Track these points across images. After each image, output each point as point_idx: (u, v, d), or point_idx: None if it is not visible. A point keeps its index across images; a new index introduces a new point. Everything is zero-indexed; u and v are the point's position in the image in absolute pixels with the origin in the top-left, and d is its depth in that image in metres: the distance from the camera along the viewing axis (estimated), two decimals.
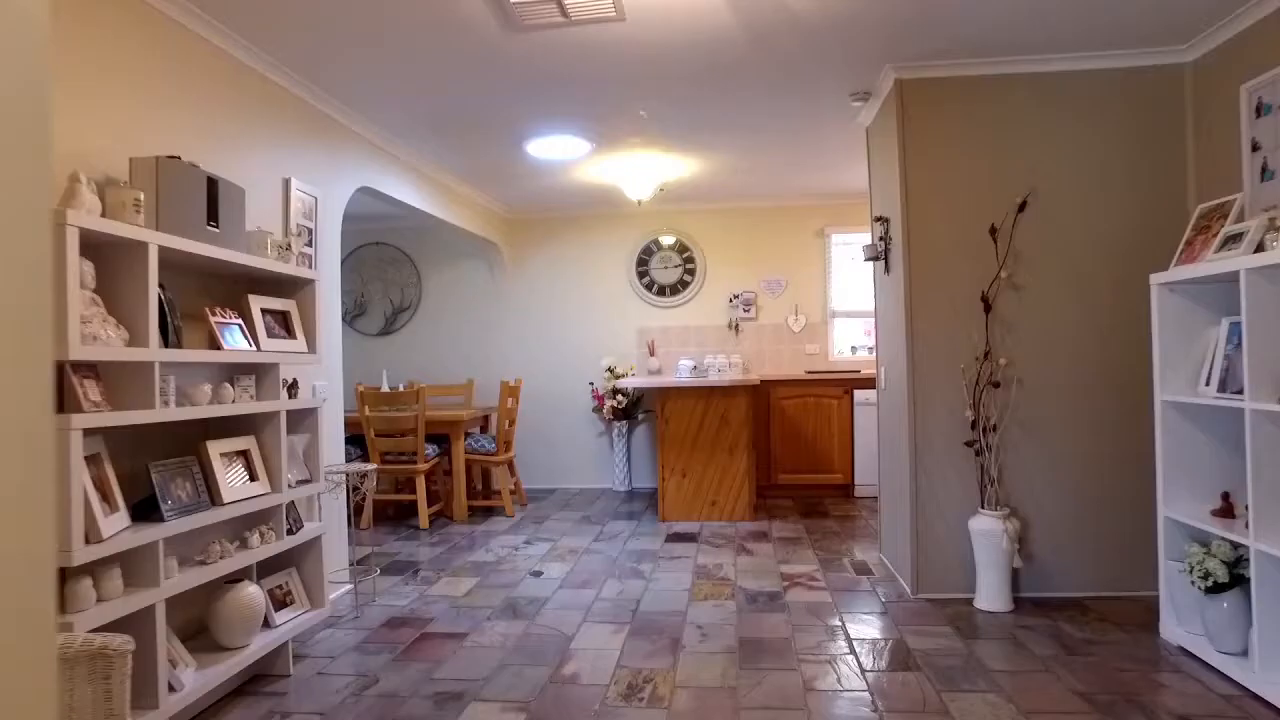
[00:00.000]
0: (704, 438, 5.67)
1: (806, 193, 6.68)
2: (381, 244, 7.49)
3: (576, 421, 7.38)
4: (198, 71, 3.02)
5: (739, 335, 7.17)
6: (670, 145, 5.10)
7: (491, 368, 7.40)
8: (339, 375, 4.07)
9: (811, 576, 4.11)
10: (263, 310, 3.00)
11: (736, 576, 4.15)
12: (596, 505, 6.39)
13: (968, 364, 3.61)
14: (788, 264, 7.11)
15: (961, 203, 3.65)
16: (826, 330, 7.09)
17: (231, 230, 2.76)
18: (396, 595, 3.97)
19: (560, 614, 3.61)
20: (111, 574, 2.19)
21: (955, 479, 3.63)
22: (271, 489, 2.93)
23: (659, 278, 7.27)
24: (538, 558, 4.67)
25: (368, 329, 7.51)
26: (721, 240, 7.19)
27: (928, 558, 3.66)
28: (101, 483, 2.25)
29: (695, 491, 5.67)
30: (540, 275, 7.41)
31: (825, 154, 5.36)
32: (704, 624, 3.41)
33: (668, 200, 6.88)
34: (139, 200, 2.32)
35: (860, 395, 6.37)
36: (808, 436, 6.47)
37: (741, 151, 5.29)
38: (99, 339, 2.15)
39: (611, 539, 5.13)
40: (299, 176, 3.68)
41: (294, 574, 3.19)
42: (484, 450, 6.07)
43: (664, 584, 4.05)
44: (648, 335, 7.29)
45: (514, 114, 4.35)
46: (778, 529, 5.31)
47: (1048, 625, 3.24)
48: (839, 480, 6.42)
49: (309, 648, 3.27)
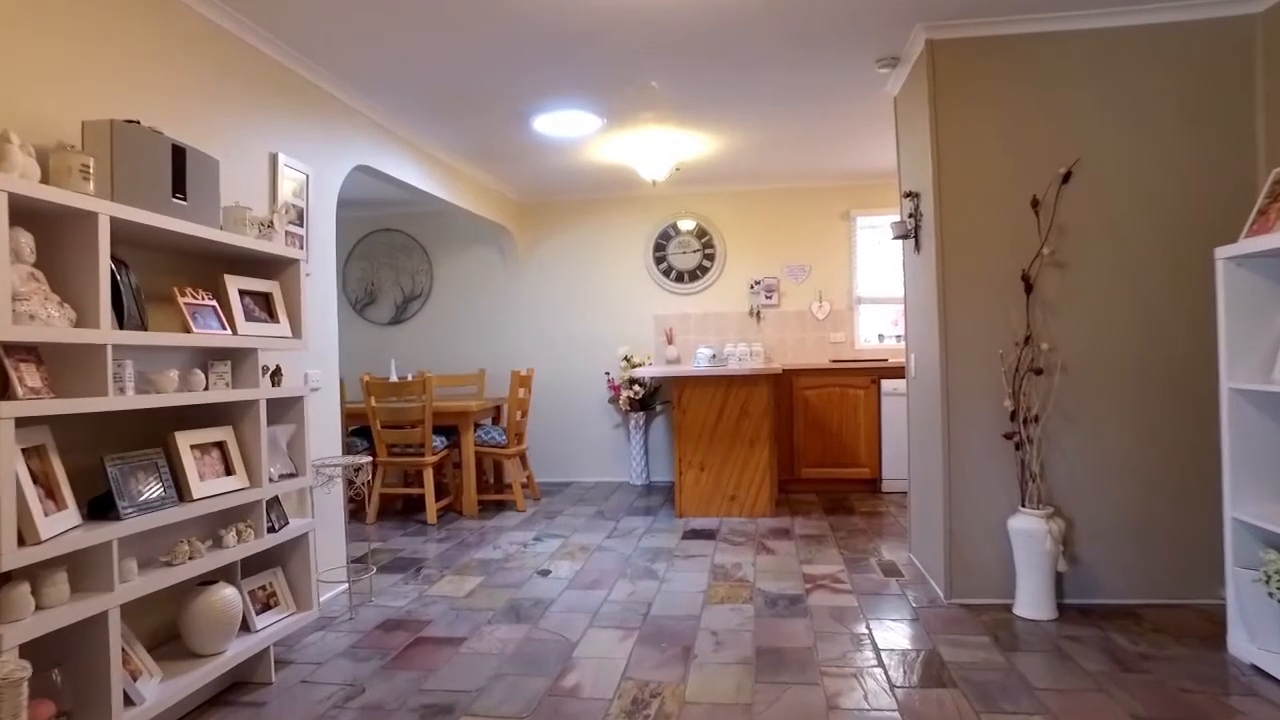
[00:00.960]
0: (723, 430, 5.40)
1: (831, 173, 6.37)
2: (391, 230, 7.29)
3: (592, 412, 7.15)
4: (168, 34, 2.80)
5: (760, 323, 6.88)
6: (685, 121, 4.82)
7: (505, 357, 7.18)
8: (334, 363, 3.86)
9: (836, 578, 3.84)
10: (241, 291, 2.79)
11: (756, 577, 3.89)
12: (612, 500, 6.15)
13: (1006, 349, 3.31)
14: (811, 248, 6.80)
15: (999, 174, 3.35)
16: (852, 317, 6.78)
17: (203, 204, 2.54)
18: (395, 595, 3.76)
19: (565, 617, 3.38)
20: (55, 579, 1.98)
21: (993, 474, 3.34)
22: (250, 484, 2.72)
23: (677, 263, 7.00)
24: (547, 555, 4.44)
25: (378, 318, 7.32)
26: (742, 224, 6.90)
27: (962, 559, 3.37)
28: (45, 478, 2.04)
29: (714, 486, 5.41)
30: (554, 261, 7.17)
31: (850, 129, 5.05)
32: (719, 630, 3.16)
33: (685, 183, 6.60)
34: (87, 166, 2.10)
35: (888, 385, 6.07)
36: (832, 428, 6.17)
37: (761, 127, 4.99)
38: (37, 318, 1.94)
39: (625, 536, 4.89)
40: (288, 152, 3.47)
41: (279, 574, 2.99)
42: (494, 442, 5.85)
43: (678, 585, 3.80)
44: (665, 323, 7.03)
45: (519, 85, 4.10)
46: (800, 526, 5.04)
47: (1097, 636, 2.94)
48: (865, 474, 6.12)
49: (296, 652, 3.06)
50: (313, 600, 3.02)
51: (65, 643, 2.07)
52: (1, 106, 2.14)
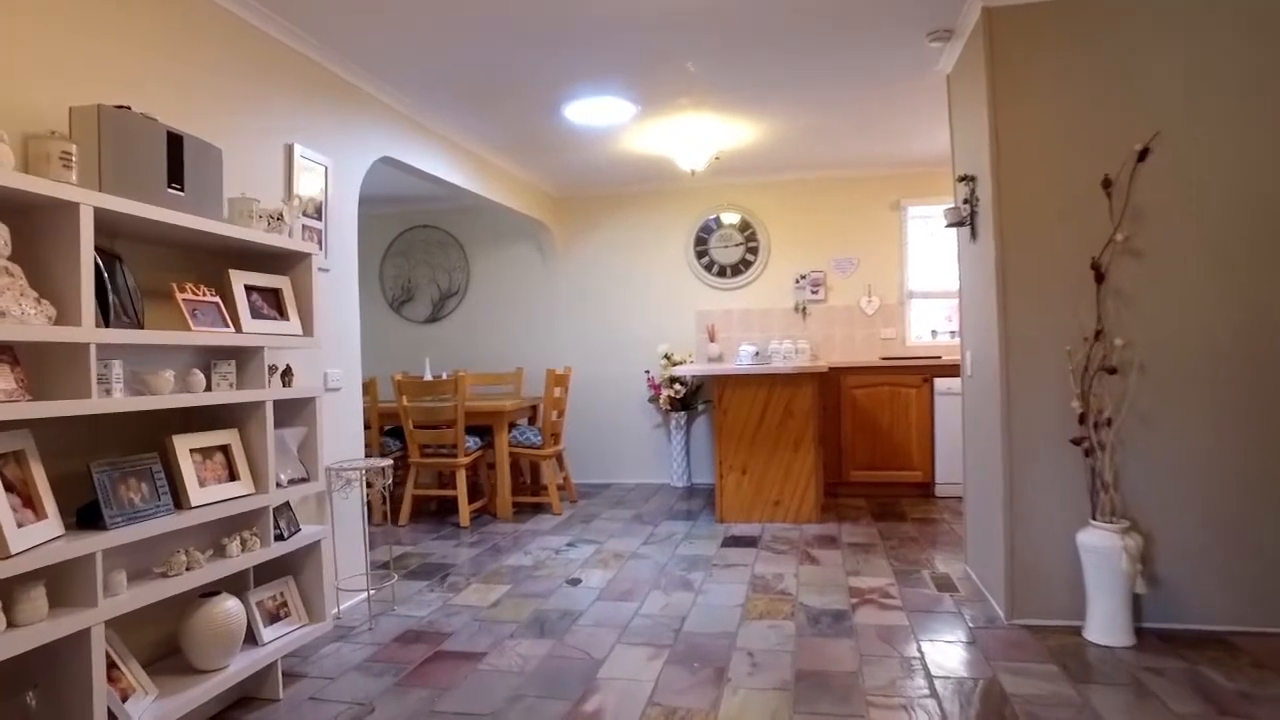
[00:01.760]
0: (766, 431, 5.15)
1: (879, 160, 6.05)
2: (428, 227, 7.20)
3: (632, 412, 6.95)
4: (173, 19, 2.67)
5: (806, 319, 6.59)
6: (723, 107, 4.58)
7: (542, 355, 7.03)
8: (356, 362, 3.73)
9: (885, 592, 3.56)
10: (248, 287, 2.65)
11: (798, 590, 3.64)
12: (651, 503, 5.94)
13: (1075, 346, 3.00)
14: (859, 241, 6.49)
15: (1064, 153, 3.04)
16: (903, 312, 6.44)
17: (203, 195, 2.41)
18: (417, 604, 3.61)
19: (592, 632, 3.18)
20: (31, 594, 1.85)
21: (1059, 483, 3.03)
22: (256, 490, 2.58)
23: (719, 257, 6.76)
24: (579, 563, 4.25)
25: (415, 316, 7.23)
26: (786, 216, 6.62)
27: (1025, 575, 3.07)
28: (24, 485, 1.91)
29: (756, 490, 5.16)
30: (592, 257, 6.99)
31: (899, 112, 4.74)
32: (756, 650, 2.92)
33: (726, 174, 6.35)
34: (68, 154, 1.97)
35: (941, 384, 5.73)
36: (883, 429, 5.86)
37: (804, 113, 4.72)
38: (9, 315, 1.80)
39: (662, 542, 4.67)
40: (305, 143, 3.33)
41: (290, 584, 2.85)
42: (529, 443, 5.69)
43: (715, 598, 3.57)
44: (707, 319, 6.79)
45: (547, 70, 3.91)
46: (848, 533, 4.76)
47: (1183, 669, 2.62)
48: (918, 478, 5.80)
49: (310, 665, 2.92)
50: (325, 611, 2.88)
51: (44, 662, 1.94)
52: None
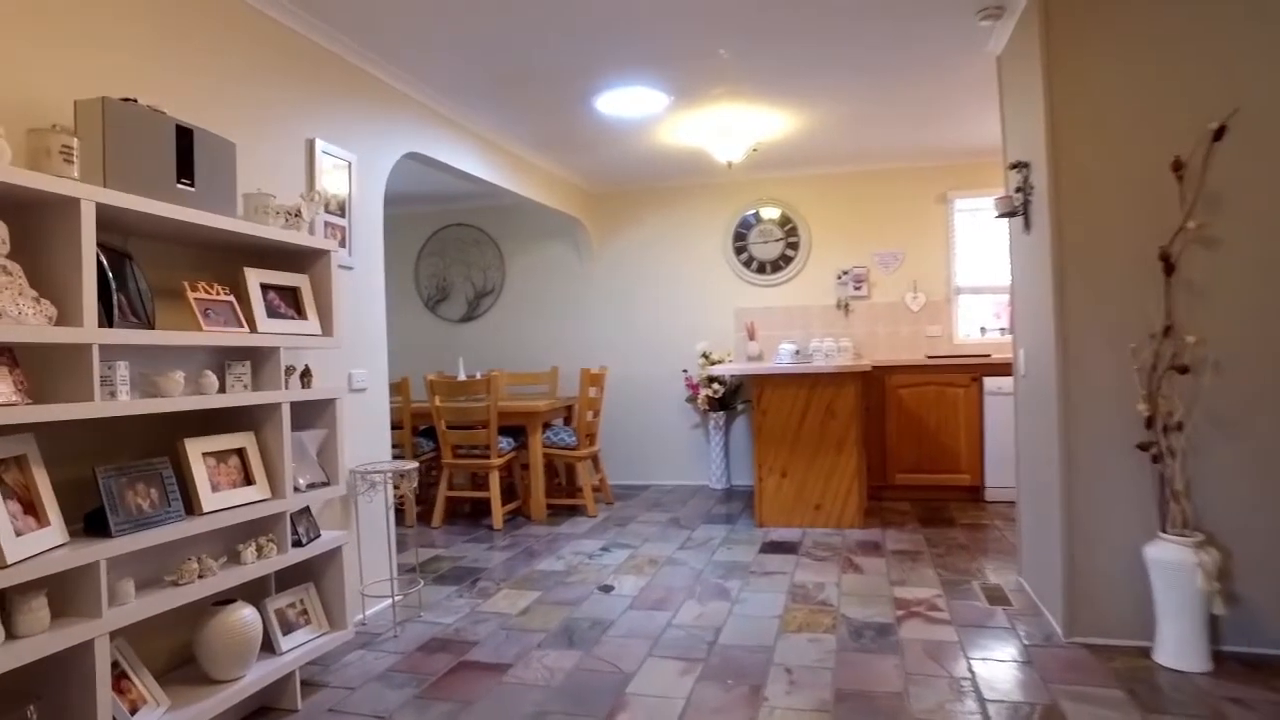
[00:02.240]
0: (807, 432, 4.96)
1: (924, 151, 5.80)
2: (463, 225, 7.14)
3: (669, 412, 6.80)
4: (188, 13, 2.61)
5: (849, 316, 6.37)
6: (760, 95, 4.41)
7: (578, 354, 6.93)
8: (383, 362, 3.65)
9: (932, 604, 3.37)
10: (263, 286, 2.57)
11: (840, 601, 3.46)
12: (689, 505, 5.79)
13: (1140, 343, 2.77)
14: (904, 235, 6.25)
15: (1128, 134, 2.81)
16: (950, 309, 6.18)
17: (214, 191, 2.33)
18: (445, 610, 3.52)
19: (623, 644, 3.05)
20: (32, 604, 1.78)
21: (1123, 491, 2.81)
22: (272, 494, 2.50)
23: (758, 253, 6.57)
24: (612, 568, 4.13)
25: (450, 315, 7.18)
26: (827, 210, 6.41)
27: (1085, 590, 2.85)
28: (25, 491, 1.85)
29: (797, 494, 4.98)
30: (629, 254, 6.86)
31: (946, 98, 4.52)
32: (794, 666, 2.76)
33: (764, 167, 6.16)
34: (69, 148, 1.90)
35: (991, 383, 5.48)
36: (929, 430, 5.63)
37: (845, 101, 4.52)
38: (5, 315, 1.73)
39: (699, 547, 4.52)
40: (328, 138, 3.26)
41: (311, 590, 2.77)
42: (564, 444, 5.58)
43: (752, 607, 3.41)
44: (746, 317, 6.61)
45: (576, 59, 3.78)
46: (892, 539, 4.55)
47: (1270, 701, 2.37)
48: (966, 481, 5.55)
49: (331, 674, 2.84)
50: (347, 619, 2.79)
51: (47, 674, 1.88)
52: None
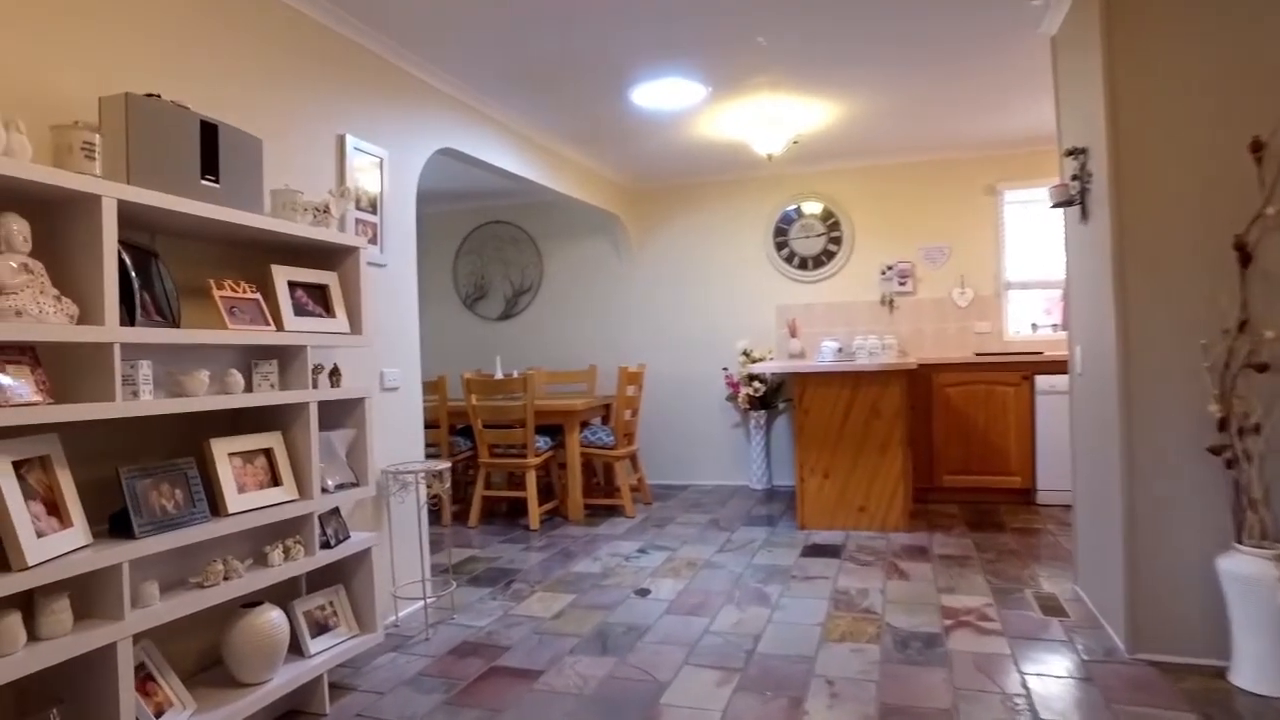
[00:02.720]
0: (850, 432, 4.81)
1: (972, 141, 5.59)
2: (501, 222, 7.11)
3: (710, 411, 6.69)
4: (215, 8, 2.58)
5: (893, 312, 6.19)
6: (800, 85, 4.27)
7: (617, 352, 6.85)
8: (415, 360, 3.61)
9: (982, 614, 3.21)
10: (291, 283, 2.54)
11: (884, 608, 3.32)
12: (729, 506, 5.68)
13: (1211, 339, 2.59)
14: (951, 228, 6.04)
15: (1200, 114, 2.62)
16: (1000, 305, 5.96)
17: (240, 187, 2.29)
18: (478, 612, 3.47)
19: (658, 650, 2.96)
20: (54, 606, 1.76)
21: (1193, 498, 2.63)
22: (299, 495, 2.46)
23: (800, 249, 6.42)
24: (649, 571, 4.04)
25: (488, 313, 7.16)
26: (871, 204, 6.22)
27: (1151, 602, 2.68)
28: (48, 492, 1.82)
29: (839, 496, 4.83)
30: (668, 250, 6.76)
31: (996, 85, 4.33)
32: (836, 678, 2.64)
33: (806, 161, 6.01)
34: (90, 144, 1.87)
35: (1043, 381, 5.25)
36: (978, 430, 5.42)
37: (889, 89, 4.36)
38: (26, 314, 1.71)
39: (739, 550, 4.41)
40: (359, 133, 3.22)
41: (340, 593, 2.73)
42: (601, 443, 5.51)
43: (792, 614, 3.30)
44: (788, 314, 6.46)
45: (612, 52, 3.70)
46: (939, 543, 4.38)
47: None
48: (1017, 484, 5.34)
49: (361, 677, 2.80)
50: (377, 621, 2.75)
51: (70, 677, 1.85)
52: (23, 88, 1.94)
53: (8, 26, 1.95)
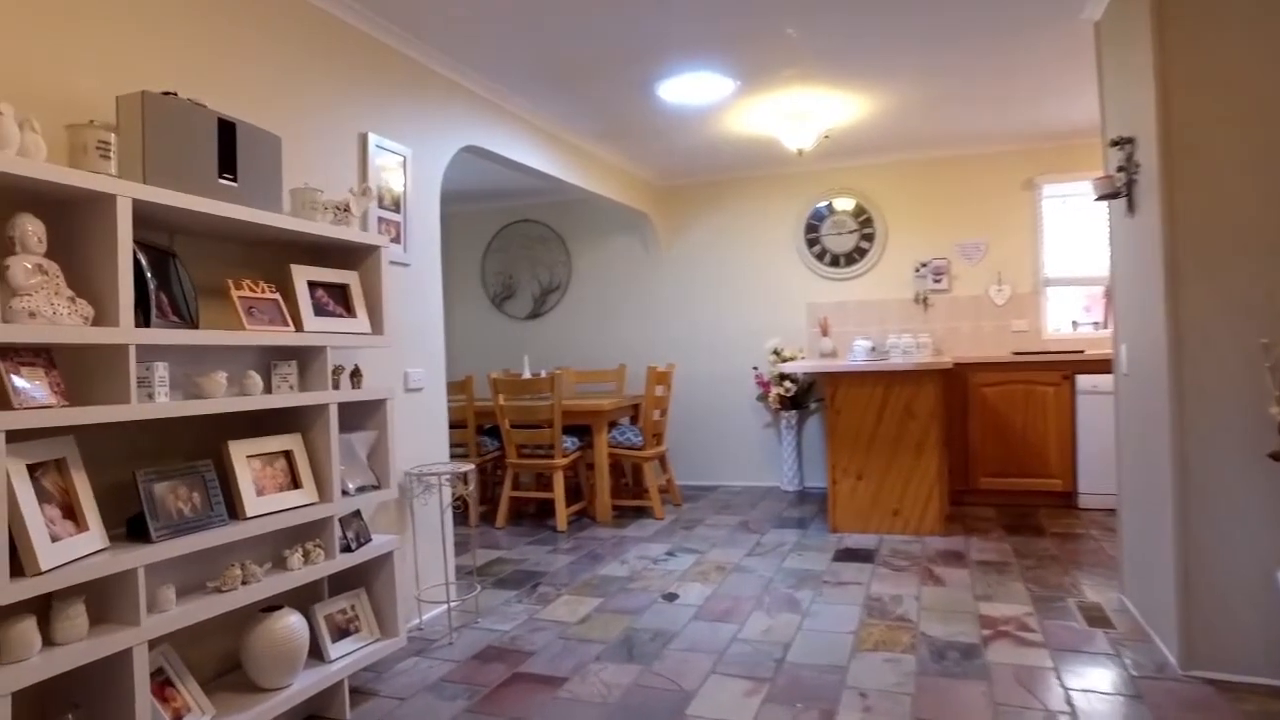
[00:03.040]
0: (884, 433, 4.69)
1: (1009, 134, 5.43)
2: (529, 221, 7.08)
3: (740, 411, 6.59)
4: (238, 7, 2.56)
5: (928, 310, 6.04)
6: (831, 78, 4.16)
7: (646, 351, 6.78)
8: (440, 361, 3.57)
9: (1022, 623, 3.09)
10: (311, 283, 2.50)
11: (919, 616, 3.21)
12: (759, 508, 5.58)
13: (1273, 338, 2.45)
14: (987, 224, 5.88)
15: (1256, 98, 2.48)
16: (1038, 302, 5.78)
17: (258, 186, 2.26)
18: (503, 616, 3.42)
19: (685, 658, 2.88)
20: (70, 611, 1.73)
21: (1253, 505, 2.49)
22: (319, 498, 2.43)
23: (831, 246, 6.29)
24: (677, 574, 3.96)
25: (516, 312, 7.14)
26: (905, 199, 6.08)
27: (1205, 615, 2.54)
28: (64, 495, 1.80)
29: (873, 498, 4.72)
30: (697, 248, 6.67)
31: (1035, 74, 4.18)
32: (869, 690, 2.54)
33: (838, 156, 5.89)
34: (105, 143, 1.84)
35: (1085, 381, 5.08)
36: (1016, 432, 5.26)
37: (922, 81, 4.23)
38: (39, 316, 1.68)
39: (769, 553, 4.32)
40: (381, 132, 3.19)
41: (362, 596, 2.70)
42: (630, 443, 5.45)
43: (823, 621, 3.20)
44: (819, 312, 6.34)
45: (638, 45, 3.63)
46: (976, 548, 4.25)
47: None
48: (1057, 486, 5.17)
49: (383, 682, 2.76)
50: (399, 626, 2.71)
51: (86, 680, 1.83)
52: (43, 89, 1.92)
53: (28, 27, 1.94)
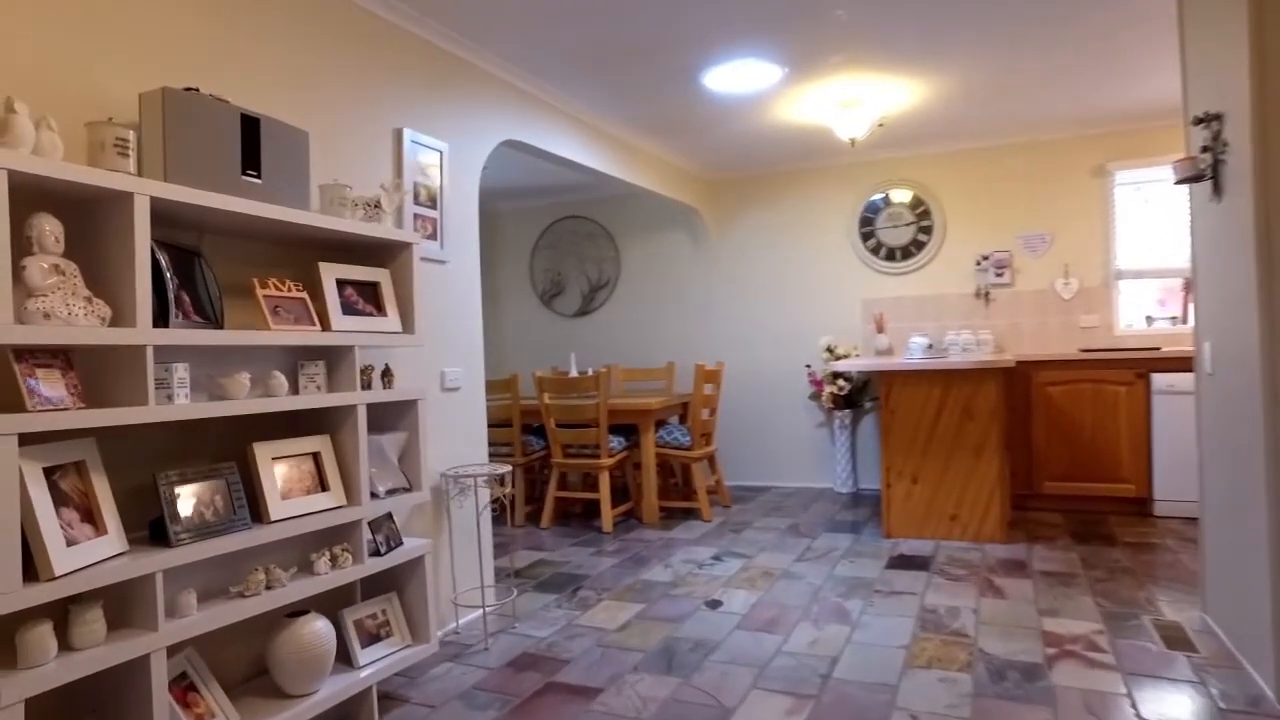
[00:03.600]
0: (941, 434, 4.48)
1: (1077, 118, 5.13)
2: (577, 217, 7.01)
3: (792, 410, 6.41)
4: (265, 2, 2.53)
5: (989, 305, 5.76)
6: (884, 63, 3.97)
7: (696, 349, 6.66)
8: (479, 360, 3.51)
9: (1091, 642, 2.87)
10: (339, 281, 2.46)
11: (977, 631, 3.02)
12: (811, 511, 5.41)
13: None
14: (1053, 214, 5.57)
15: None
16: (1109, 296, 5.46)
17: (284, 182, 2.22)
18: (541, 621, 3.34)
19: (725, 671, 2.76)
20: (87, 616, 1.70)
21: None
22: (348, 501, 2.38)
23: (887, 239, 6.06)
24: (722, 580, 3.84)
25: (564, 309, 7.08)
26: (964, 190, 5.81)
27: None
28: (83, 498, 1.77)
29: (929, 503, 4.51)
30: (748, 243, 6.51)
31: (1107, 51, 3.91)
32: (921, 712, 2.38)
33: (892, 145, 5.66)
34: (124, 140, 1.81)
35: (1161, 380, 4.77)
36: (1084, 433, 4.97)
37: (982, 65, 4.00)
38: (54, 316, 1.65)
39: (819, 559, 4.15)
40: (417, 127, 3.14)
41: (394, 601, 2.64)
42: (677, 443, 5.33)
43: (873, 634, 3.04)
44: (874, 308, 6.12)
45: (681, 32, 3.50)
46: (1040, 557, 4.01)
47: None
48: (1130, 492, 4.86)
49: (415, 688, 2.71)
50: (430, 631, 2.65)
51: (105, 686, 1.81)
52: (71, 87, 1.90)
53: (54, 25, 1.92)
